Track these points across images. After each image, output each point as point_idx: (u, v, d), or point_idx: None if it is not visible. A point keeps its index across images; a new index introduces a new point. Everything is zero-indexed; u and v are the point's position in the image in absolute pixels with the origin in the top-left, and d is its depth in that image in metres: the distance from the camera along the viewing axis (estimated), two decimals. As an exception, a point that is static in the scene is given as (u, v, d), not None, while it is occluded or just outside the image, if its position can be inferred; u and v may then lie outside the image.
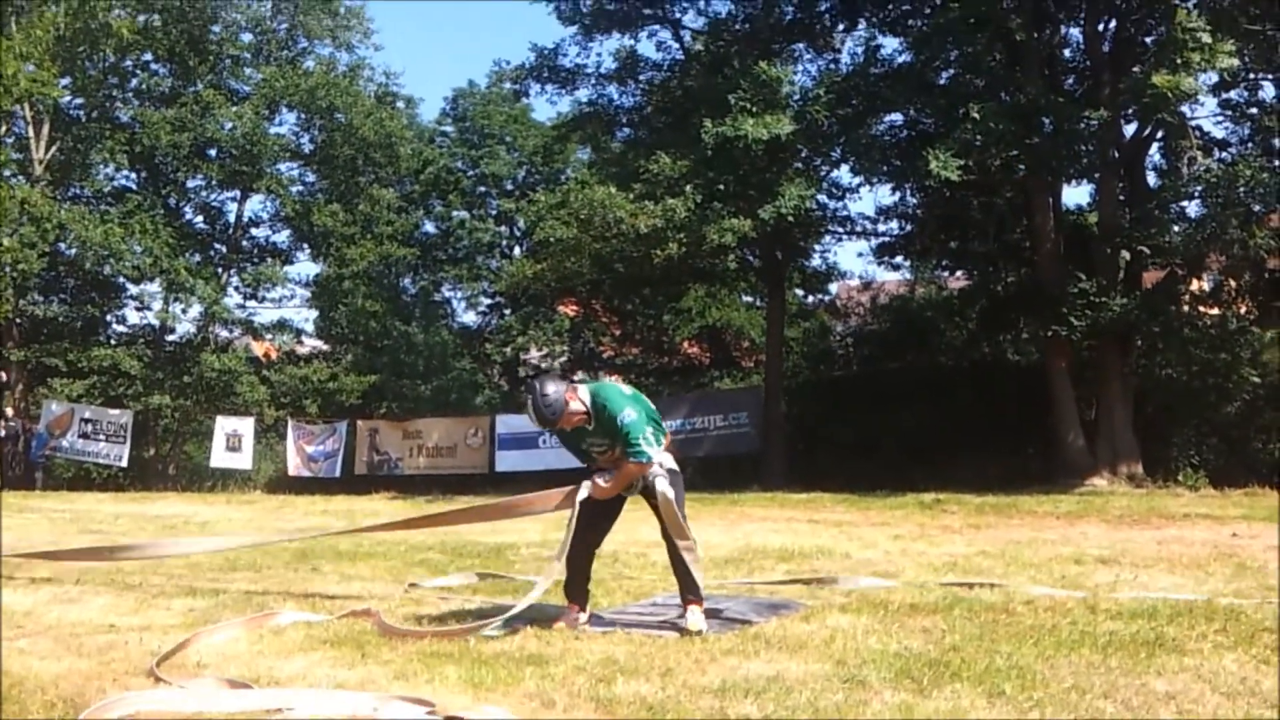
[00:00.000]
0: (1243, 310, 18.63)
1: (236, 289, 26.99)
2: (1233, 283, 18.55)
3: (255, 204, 27.83)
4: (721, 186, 17.38)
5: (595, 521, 6.05)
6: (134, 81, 25.86)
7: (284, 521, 13.82)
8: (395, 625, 6.07)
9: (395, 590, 7.60)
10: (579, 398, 5.83)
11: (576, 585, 6.16)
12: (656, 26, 21.19)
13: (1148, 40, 18.31)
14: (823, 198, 19.72)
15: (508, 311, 29.69)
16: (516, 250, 30.16)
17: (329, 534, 10.47)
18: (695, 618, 5.77)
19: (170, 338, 26.19)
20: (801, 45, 20.62)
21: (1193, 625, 5.55)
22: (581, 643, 5.62)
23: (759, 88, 16.91)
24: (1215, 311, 18.80)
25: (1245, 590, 6.55)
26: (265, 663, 5.37)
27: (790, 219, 17.06)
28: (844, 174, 19.85)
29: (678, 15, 20.99)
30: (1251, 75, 17.65)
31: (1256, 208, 17.01)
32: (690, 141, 17.80)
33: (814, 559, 8.74)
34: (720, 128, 16.57)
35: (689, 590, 5.88)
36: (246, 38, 26.60)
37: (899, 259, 22.51)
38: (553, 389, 5.76)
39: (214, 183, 26.53)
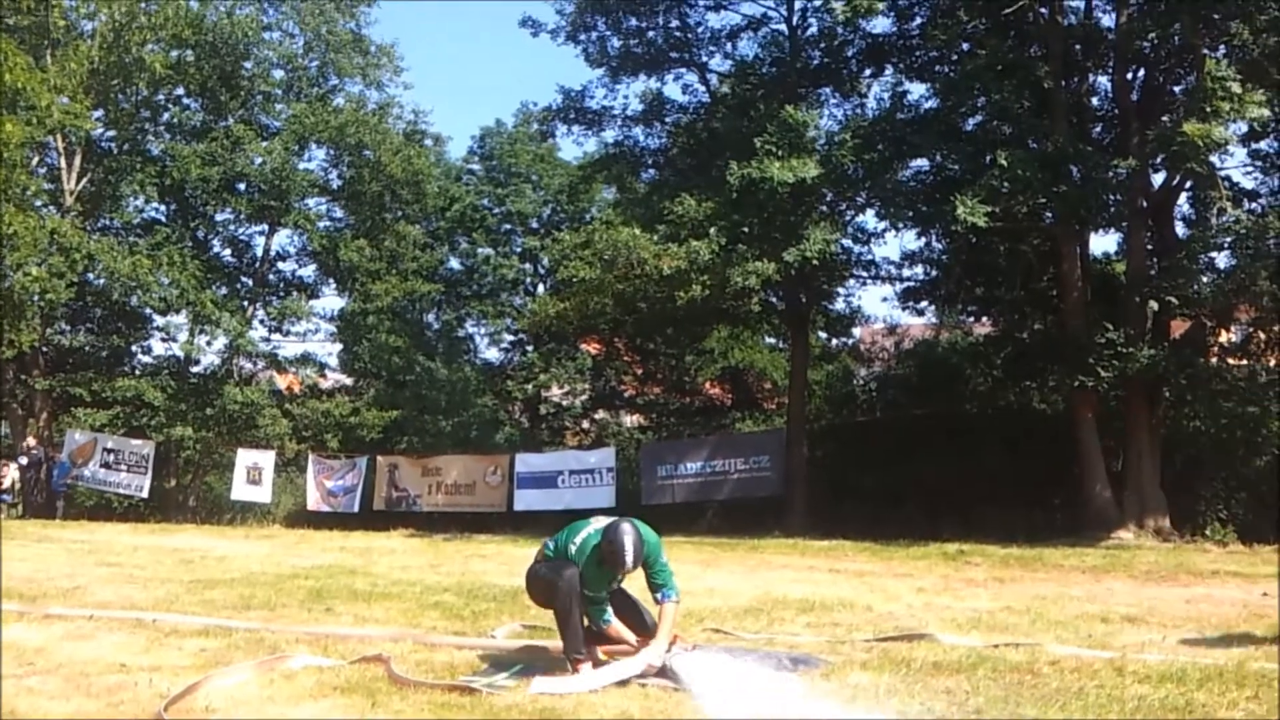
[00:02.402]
0: (1272, 363, 18.38)
1: (262, 322, 27.11)
2: (1262, 335, 18.32)
3: (282, 238, 28.07)
4: (746, 229, 17.34)
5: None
6: (166, 115, 26.13)
7: (300, 558, 13.75)
8: (406, 675, 5.97)
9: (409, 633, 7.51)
10: None
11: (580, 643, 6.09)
12: (683, 70, 21.36)
13: (1176, 90, 18.25)
14: (847, 242, 19.67)
15: (530, 348, 29.72)
16: (540, 288, 30.22)
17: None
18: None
19: (194, 369, 26.27)
20: (828, 90, 20.67)
21: (1224, 691, 5.39)
22: (596, 697, 5.51)
23: (785, 131, 16.93)
24: (1244, 363, 18.57)
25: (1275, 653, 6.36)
26: (275, 709, 5.31)
27: (815, 262, 17.00)
28: (869, 218, 19.85)
29: (704, 59, 21.18)
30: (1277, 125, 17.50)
31: (1288, 259, 16.88)
32: (715, 183, 17.82)
33: (835, 611, 8.58)
34: (745, 170, 16.57)
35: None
36: (278, 74, 26.86)
37: (924, 304, 22.35)
38: None
39: (242, 216, 26.73)
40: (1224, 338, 18.50)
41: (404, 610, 8.81)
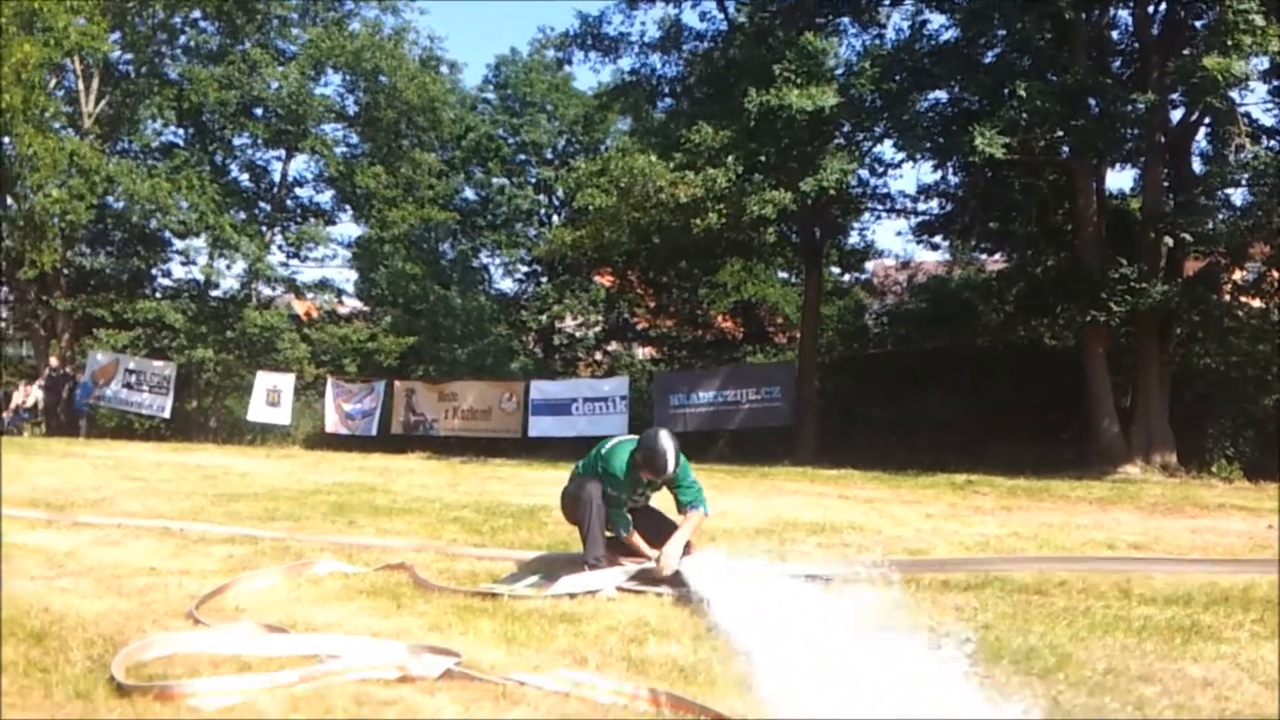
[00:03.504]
0: (1287, 301, 18.40)
1: (280, 248, 27.27)
2: (1275, 273, 18.29)
3: (299, 164, 28.10)
4: (763, 158, 17.23)
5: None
6: (182, 38, 25.98)
7: (320, 476, 14.02)
8: (430, 580, 6.19)
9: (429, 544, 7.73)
10: None
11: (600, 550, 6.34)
12: (702, -5, 21.09)
13: (1198, 24, 17.99)
14: (864, 173, 19.61)
15: (544, 280, 29.76)
16: (555, 219, 30.19)
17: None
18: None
19: (214, 293, 26.50)
20: (846, 19, 20.41)
21: (1229, 613, 5.53)
22: (614, 604, 5.71)
23: (804, 59, 16.79)
24: (1257, 303, 18.57)
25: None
26: (302, 610, 5.51)
27: (831, 192, 16.96)
28: (886, 149, 19.72)
29: (725, -17, 20.87)
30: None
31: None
32: (732, 112, 17.70)
33: (845, 533, 8.77)
34: (764, 98, 16.47)
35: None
36: (294, -2, 26.73)
37: (938, 238, 22.31)
38: None
39: (260, 141, 26.75)
40: (1237, 276, 18.46)
41: (424, 524, 9.05)
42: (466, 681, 4.12)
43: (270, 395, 23.50)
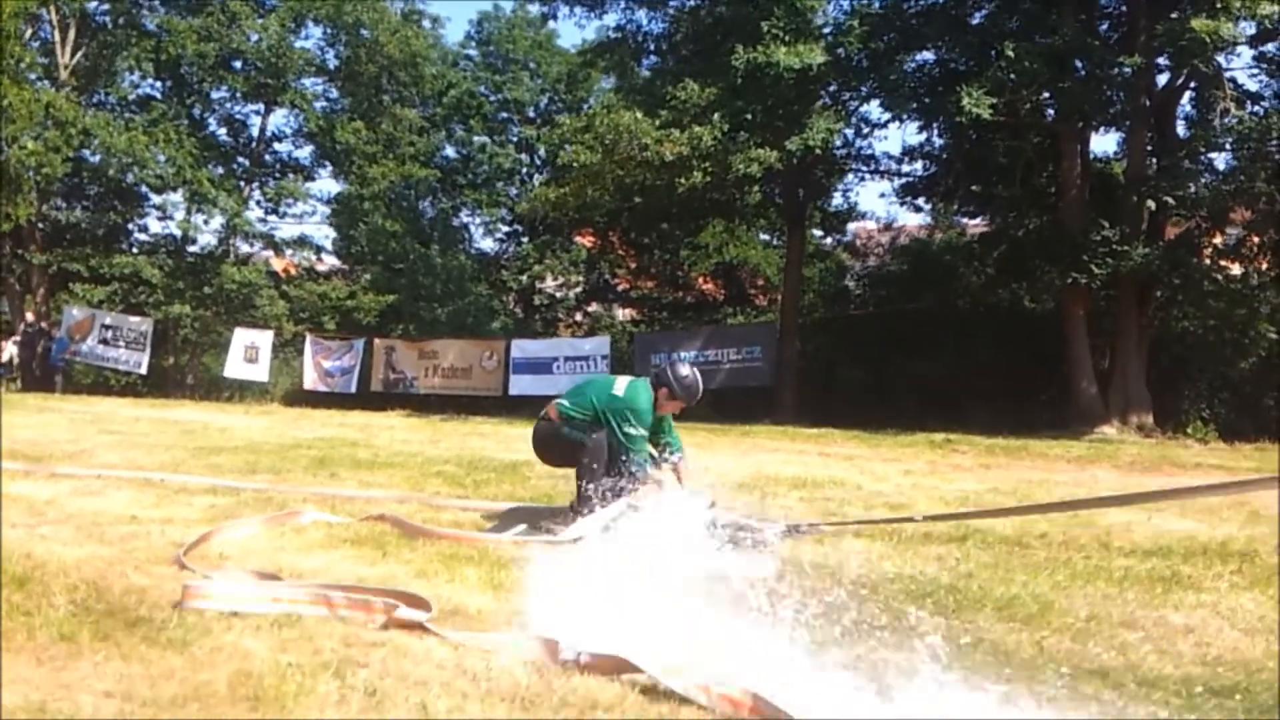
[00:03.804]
0: (1264, 266, 18.48)
1: (258, 203, 27.04)
2: (1255, 238, 18.38)
3: (279, 118, 27.76)
4: (749, 116, 17.16)
5: None
6: (161, -11, 25.66)
7: (301, 431, 13.96)
8: (416, 524, 6.18)
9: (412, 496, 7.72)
10: None
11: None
12: (690, -50, 20.88)
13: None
14: (849, 133, 19.53)
15: (525, 239, 29.63)
16: (537, 178, 30.01)
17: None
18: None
19: (191, 249, 26.25)
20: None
21: (1208, 565, 5.59)
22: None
23: (792, 16, 16.69)
24: (1236, 267, 18.67)
25: (1259, 536, 6.59)
26: (287, 558, 5.48)
27: (817, 152, 16.91)
28: (873, 109, 19.65)
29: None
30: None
31: (1284, 162, 16.87)
32: (718, 70, 17.59)
33: (826, 488, 8.81)
34: (751, 55, 16.36)
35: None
36: (274, -52, 26.30)
37: (921, 200, 22.32)
38: None
39: (238, 95, 26.41)
40: (1217, 240, 18.55)
41: (406, 477, 9.03)
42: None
43: (248, 352, 23.36)
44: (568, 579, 4.70)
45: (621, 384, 6.52)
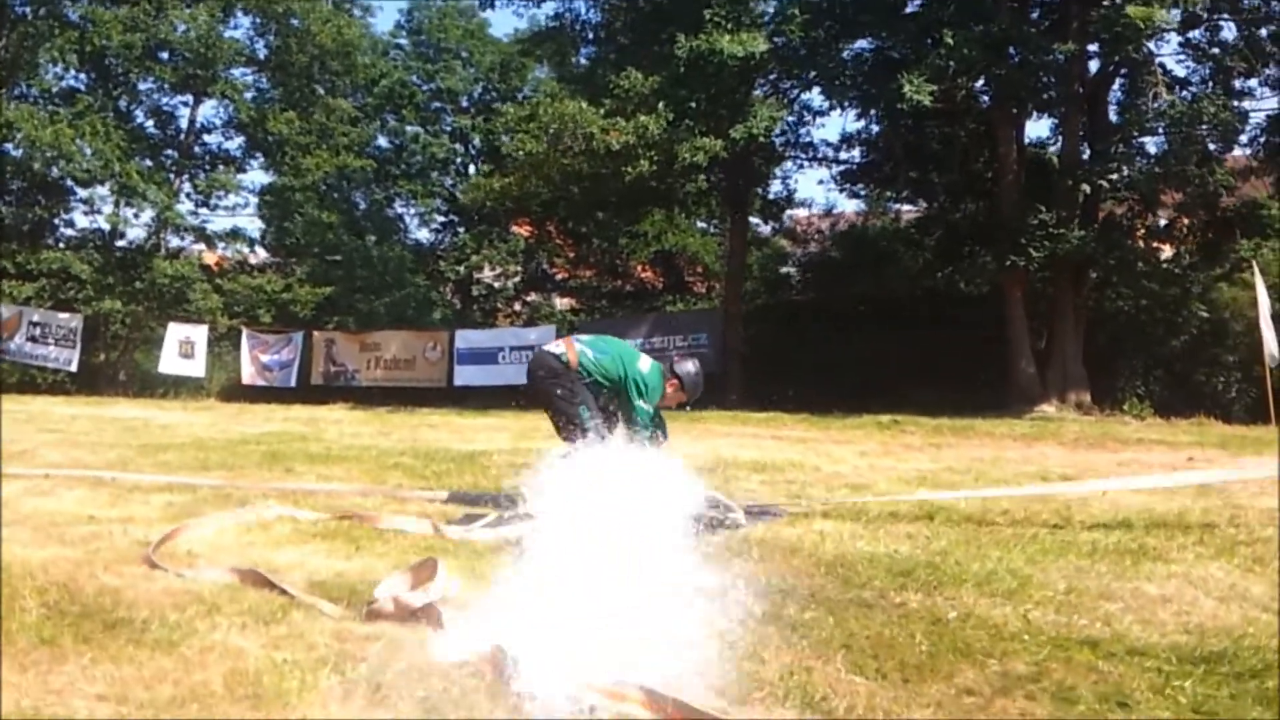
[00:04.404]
0: (1194, 248, 18.99)
1: (189, 195, 26.45)
2: (1186, 220, 18.86)
3: (208, 109, 27.19)
4: (693, 104, 17.22)
5: None
6: (85, -22, 24.94)
7: (245, 426, 13.75)
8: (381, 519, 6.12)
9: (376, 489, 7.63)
10: None
11: None
12: (626, -61, 20.83)
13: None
14: (790, 120, 19.64)
15: (461, 230, 29.40)
16: (472, 168, 29.77)
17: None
18: None
19: (121, 243, 25.64)
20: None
21: (1170, 537, 5.73)
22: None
23: (734, 4, 16.74)
24: (1168, 249, 19.16)
25: (1212, 509, 6.77)
26: (259, 553, 5.39)
27: (761, 139, 17.00)
28: (814, 97, 19.77)
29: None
30: (1212, 15, 17.72)
31: (1213, 146, 17.33)
32: (659, 59, 17.61)
33: (785, 471, 8.89)
34: (695, 44, 16.39)
35: None
36: (201, -66, 25.66)
37: (859, 187, 22.54)
38: None
39: (166, 86, 25.80)
40: (1151, 222, 19.00)
41: (365, 470, 8.93)
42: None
43: (183, 347, 22.93)
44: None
45: (646, 362, 6.71)
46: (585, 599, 3.89)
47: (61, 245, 25.48)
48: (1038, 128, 59.05)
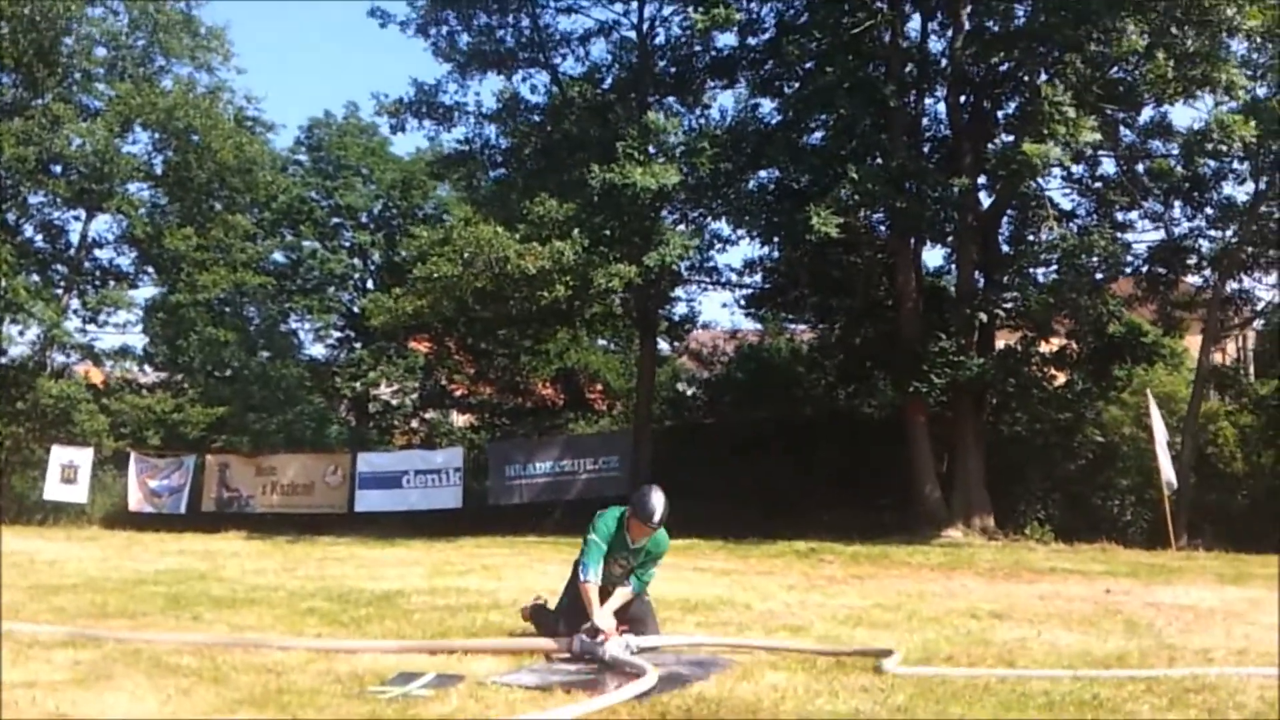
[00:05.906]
0: (1086, 374, 19.68)
1: (77, 312, 25.51)
2: (1076, 346, 19.59)
3: (101, 224, 26.49)
4: (607, 231, 17.46)
5: None
6: (-27, 89, 24.31)
7: (137, 562, 13.05)
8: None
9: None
10: None
11: None
12: (533, 70, 21.23)
13: (999, 115, 19.24)
14: (699, 245, 19.97)
15: (358, 345, 28.96)
16: (370, 283, 29.49)
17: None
18: None
19: (3, 361, 24.51)
20: (673, 99, 20.86)
21: (1119, 685, 5.69)
22: (520, 699, 5.44)
23: (646, 136, 17.10)
24: (1061, 376, 19.83)
25: (1147, 649, 6.83)
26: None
27: (674, 267, 17.24)
28: (723, 225, 20.10)
29: (556, 60, 21.09)
30: (1095, 151, 18.70)
31: (1099, 275, 18.16)
32: (568, 185, 17.84)
33: (719, 610, 8.75)
34: (608, 174, 16.66)
35: None
36: (101, 52, 25.29)
37: (764, 311, 22.97)
38: None
39: (58, 200, 25.09)
40: (1045, 348, 19.67)
41: (278, 617, 8.47)
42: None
43: (65, 471, 21.85)
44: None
45: (609, 509, 7.17)
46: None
47: (-64, 363, 24.29)
48: (934, 256, 61.46)
